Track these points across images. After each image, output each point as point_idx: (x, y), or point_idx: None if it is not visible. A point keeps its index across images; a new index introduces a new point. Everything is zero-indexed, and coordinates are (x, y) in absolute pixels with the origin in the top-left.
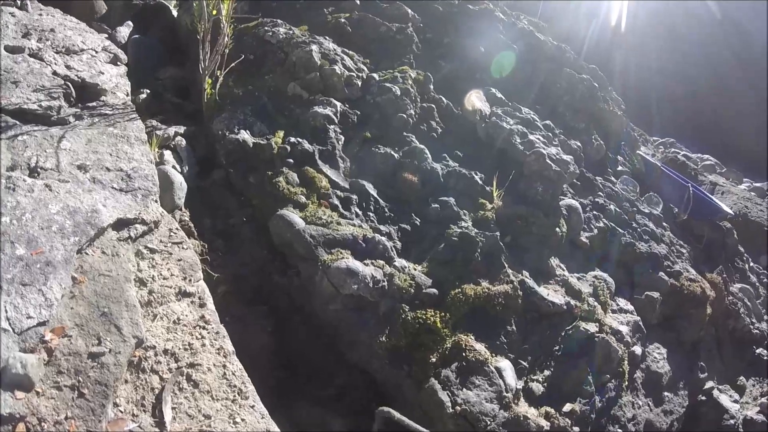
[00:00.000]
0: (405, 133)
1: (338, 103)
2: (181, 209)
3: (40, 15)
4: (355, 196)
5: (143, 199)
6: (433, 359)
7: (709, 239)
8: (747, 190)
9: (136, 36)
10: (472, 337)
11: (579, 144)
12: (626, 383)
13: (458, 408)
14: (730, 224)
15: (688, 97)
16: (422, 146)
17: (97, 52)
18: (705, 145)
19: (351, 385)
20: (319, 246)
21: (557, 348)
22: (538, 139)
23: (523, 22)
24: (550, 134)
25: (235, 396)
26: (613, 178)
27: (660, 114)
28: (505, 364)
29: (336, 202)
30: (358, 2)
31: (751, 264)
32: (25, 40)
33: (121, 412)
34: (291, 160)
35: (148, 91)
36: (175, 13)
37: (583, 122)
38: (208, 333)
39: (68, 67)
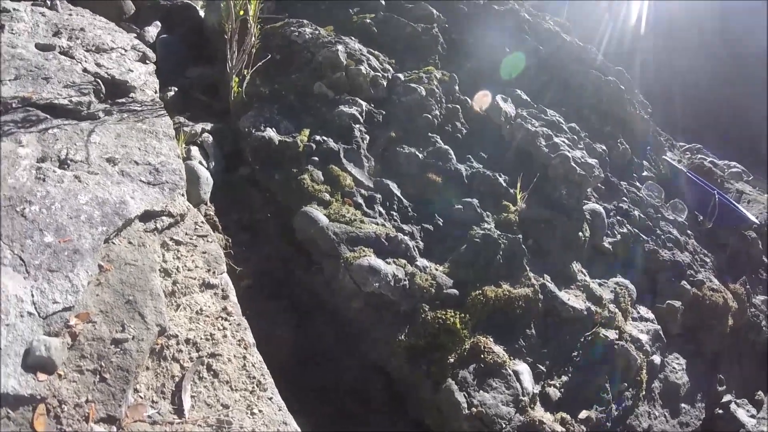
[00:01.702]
0: (430, 134)
1: (364, 103)
2: (206, 204)
3: (70, 15)
4: (378, 195)
5: (170, 192)
6: (451, 360)
7: (733, 249)
8: None
9: (164, 35)
10: (491, 340)
11: (604, 148)
12: (644, 393)
13: (474, 410)
14: (756, 234)
15: (713, 101)
16: (447, 147)
17: (126, 50)
18: (732, 151)
19: (369, 383)
20: (342, 243)
21: (576, 354)
22: (563, 141)
23: (549, 22)
24: (576, 137)
25: (253, 387)
26: (638, 183)
27: (684, 118)
28: (523, 368)
29: (360, 200)
30: (383, 2)
31: None
32: (56, 39)
33: (141, 398)
34: (316, 158)
35: (176, 89)
36: (202, 13)
37: (608, 126)
38: (230, 324)
39: (98, 64)
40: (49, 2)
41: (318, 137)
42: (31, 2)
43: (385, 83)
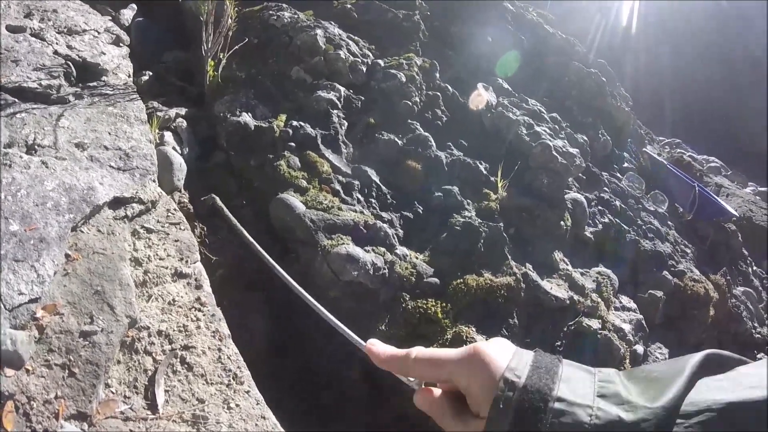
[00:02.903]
0: (409, 121)
1: (342, 88)
2: (180, 191)
3: None
4: (357, 182)
5: (141, 178)
6: None
7: (713, 240)
8: (752, 194)
9: (140, 19)
10: (473, 329)
11: (585, 138)
12: None
13: None
14: (735, 226)
15: (701, 100)
16: (427, 134)
17: (99, 32)
18: (718, 148)
19: (348, 375)
20: (319, 231)
21: (559, 343)
22: (545, 131)
23: (532, 13)
24: (557, 127)
25: (229, 380)
26: (619, 175)
27: (673, 116)
28: None
29: (337, 187)
30: None
31: (755, 267)
32: (27, 20)
33: (113, 393)
34: (293, 144)
35: (151, 74)
36: None
37: (590, 117)
38: (204, 315)
39: (69, 47)
40: None
41: (295, 123)
42: None
43: (364, 69)
